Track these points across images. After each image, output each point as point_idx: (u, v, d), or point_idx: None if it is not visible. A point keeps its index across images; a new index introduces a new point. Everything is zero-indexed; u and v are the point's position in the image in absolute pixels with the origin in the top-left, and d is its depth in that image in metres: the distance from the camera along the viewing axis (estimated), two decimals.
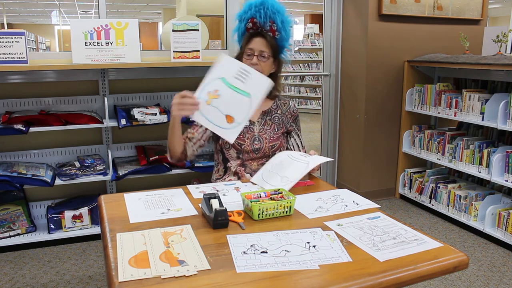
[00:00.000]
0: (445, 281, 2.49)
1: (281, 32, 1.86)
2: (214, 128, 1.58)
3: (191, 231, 1.24)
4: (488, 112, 2.94)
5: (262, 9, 1.83)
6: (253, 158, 1.89)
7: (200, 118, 1.58)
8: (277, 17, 1.84)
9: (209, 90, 1.56)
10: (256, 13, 1.84)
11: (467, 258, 1.13)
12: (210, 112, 1.56)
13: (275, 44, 1.86)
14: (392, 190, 3.90)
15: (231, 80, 1.56)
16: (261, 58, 1.84)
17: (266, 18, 1.84)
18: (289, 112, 2.00)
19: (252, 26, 1.88)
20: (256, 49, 1.84)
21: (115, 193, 2.53)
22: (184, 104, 1.56)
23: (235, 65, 1.58)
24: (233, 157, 1.90)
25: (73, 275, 2.53)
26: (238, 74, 1.56)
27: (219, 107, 1.56)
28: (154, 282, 0.98)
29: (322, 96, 4.09)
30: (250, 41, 1.86)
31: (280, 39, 1.88)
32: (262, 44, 1.84)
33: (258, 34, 1.86)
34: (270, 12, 1.83)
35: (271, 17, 1.84)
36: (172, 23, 2.94)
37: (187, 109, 1.57)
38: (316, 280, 1.00)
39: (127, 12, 14.32)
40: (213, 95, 1.56)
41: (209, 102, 1.56)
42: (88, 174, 2.84)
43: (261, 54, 1.84)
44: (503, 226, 2.88)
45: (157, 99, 3.18)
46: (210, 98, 1.56)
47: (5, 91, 2.86)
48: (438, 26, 3.69)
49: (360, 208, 1.44)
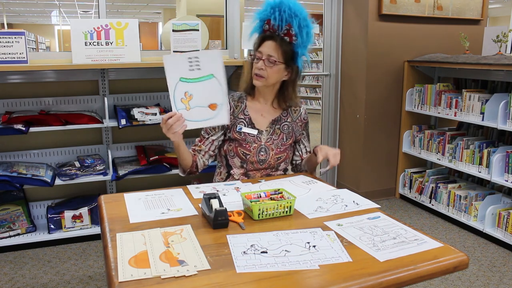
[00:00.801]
0: (445, 281, 2.49)
1: (297, 37, 1.73)
2: (206, 124, 1.60)
3: (191, 231, 1.24)
4: (488, 112, 2.94)
5: (278, 11, 1.71)
6: (257, 169, 1.83)
7: (192, 124, 1.58)
8: (294, 21, 1.71)
9: (180, 97, 1.56)
10: (272, 15, 1.72)
11: (467, 258, 1.13)
12: (195, 113, 1.57)
13: (288, 50, 1.73)
14: (392, 190, 3.90)
15: (188, 74, 1.54)
16: (268, 63, 1.73)
17: (282, 21, 1.71)
18: (299, 120, 1.92)
19: (268, 28, 1.75)
20: (264, 53, 1.73)
21: (115, 193, 2.53)
22: (171, 125, 1.55)
23: (181, 60, 1.55)
24: (236, 166, 1.84)
25: (73, 275, 2.53)
26: (190, 65, 1.54)
27: (198, 104, 1.57)
28: (154, 282, 0.98)
29: (322, 96, 4.09)
30: (261, 44, 1.76)
31: (297, 44, 1.74)
32: (271, 48, 1.72)
33: (270, 37, 1.74)
34: (286, 15, 1.71)
35: (288, 20, 1.71)
36: (172, 23, 2.94)
37: (177, 128, 1.55)
38: (316, 280, 1.00)
39: (127, 12, 14.32)
40: (187, 98, 1.56)
41: (188, 107, 1.56)
42: (88, 174, 2.84)
43: (268, 58, 1.72)
44: (503, 226, 2.88)
45: (157, 99, 3.18)
46: (186, 103, 1.56)
47: (5, 91, 2.86)
48: (438, 26, 3.69)
49: (360, 208, 1.44)
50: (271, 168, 1.86)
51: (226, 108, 1.57)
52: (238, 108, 1.84)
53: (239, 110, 1.84)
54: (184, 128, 1.57)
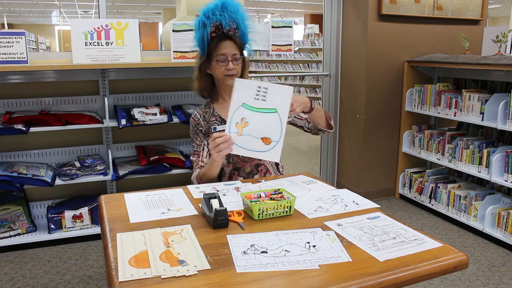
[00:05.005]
0: (445, 281, 2.49)
1: (240, 29, 1.83)
2: (254, 155, 1.59)
3: (191, 231, 1.25)
4: (488, 112, 2.94)
5: (226, 12, 1.78)
6: (244, 161, 1.87)
7: (239, 150, 1.58)
8: (238, 16, 1.81)
9: (236, 121, 1.56)
10: (221, 17, 1.78)
11: (467, 258, 1.13)
12: (245, 141, 1.57)
13: (240, 43, 1.84)
14: (392, 190, 3.90)
15: (253, 103, 1.56)
16: (235, 62, 1.81)
17: (230, 20, 1.79)
18: None
19: (215, 30, 1.80)
20: (228, 54, 1.79)
21: (115, 193, 2.53)
22: (219, 144, 1.57)
23: (250, 86, 1.56)
24: (224, 163, 1.87)
25: (73, 275, 2.53)
26: (256, 93, 1.56)
27: (251, 134, 1.56)
28: (154, 282, 0.98)
29: (322, 96, 4.09)
30: (218, 46, 1.79)
31: (242, 35, 1.84)
32: (232, 47, 1.80)
33: (225, 37, 1.80)
34: (232, 14, 1.79)
35: (232, 17, 1.80)
36: (172, 23, 2.94)
37: (223, 148, 1.57)
38: (316, 280, 1.00)
39: (127, 12, 14.33)
40: (242, 124, 1.56)
41: (240, 132, 1.57)
42: (88, 174, 2.85)
43: (234, 57, 1.80)
44: (503, 226, 2.88)
45: (157, 99, 3.18)
46: (240, 129, 1.57)
47: (6, 91, 2.86)
48: (438, 26, 3.70)
49: (360, 208, 1.44)
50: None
51: (279, 147, 1.56)
52: (207, 114, 1.91)
53: (209, 115, 1.90)
54: (229, 151, 1.59)
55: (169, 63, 2.96)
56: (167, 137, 3.27)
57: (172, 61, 2.94)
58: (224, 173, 1.89)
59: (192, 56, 2.97)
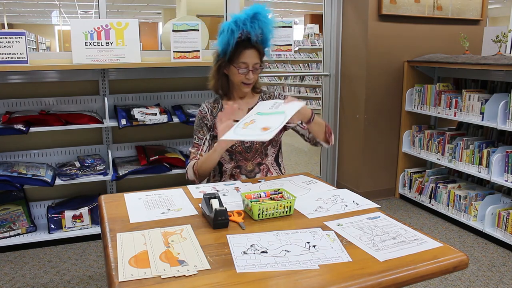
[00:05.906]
0: (445, 281, 2.49)
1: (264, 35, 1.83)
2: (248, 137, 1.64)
3: (191, 231, 1.25)
4: (488, 112, 2.94)
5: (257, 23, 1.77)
6: (246, 159, 1.88)
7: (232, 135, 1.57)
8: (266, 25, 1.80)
9: (245, 121, 1.61)
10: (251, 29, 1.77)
11: (467, 258, 1.13)
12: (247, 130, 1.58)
13: (263, 51, 1.84)
14: (392, 190, 3.90)
15: (265, 111, 1.64)
16: (254, 72, 1.81)
17: (258, 31, 1.79)
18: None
19: (240, 36, 1.78)
20: (250, 63, 1.79)
21: (115, 193, 2.53)
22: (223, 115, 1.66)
23: (269, 103, 1.68)
24: (226, 160, 1.88)
25: (73, 275, 2.53)
26: (271, 106, 1.65)
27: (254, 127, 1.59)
28: (154, 282, 0.98)
29: (322, 96, 4.09)
30: (242, 53, 1.79)
31: (265, 40, 1.84)
32: (255, 57, 1.80)
33: (249, 46, 1.79)
34: (261, 23, 1.78)
35: (261, 27, 1.79)
36: (172, 23, 2.94)
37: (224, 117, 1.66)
38: (316, 280, 1.00)
39: (127, 12, 14.32)
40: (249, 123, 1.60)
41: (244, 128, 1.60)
42: (88, 174, 2.85)
43: (254, 67, 1.81)
44: (503, 226, 2.88)
45: (157, 99, 3.18)
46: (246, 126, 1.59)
47: (5, 91, 2.86)
48: (438, 26, 3.70)
49: (360, 208, 1.44)
50: (259, 155, 1.89)
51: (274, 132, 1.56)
52: (215, 109, 1.92)
53: (217, 110, 1.91)
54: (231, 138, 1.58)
55: (169, 63, 2.96)
56: (167, 137, 3.27)
57: (172, 61, 2.94)
58: (226, 170, 1.89)
59: (192, 56, 2.97)
